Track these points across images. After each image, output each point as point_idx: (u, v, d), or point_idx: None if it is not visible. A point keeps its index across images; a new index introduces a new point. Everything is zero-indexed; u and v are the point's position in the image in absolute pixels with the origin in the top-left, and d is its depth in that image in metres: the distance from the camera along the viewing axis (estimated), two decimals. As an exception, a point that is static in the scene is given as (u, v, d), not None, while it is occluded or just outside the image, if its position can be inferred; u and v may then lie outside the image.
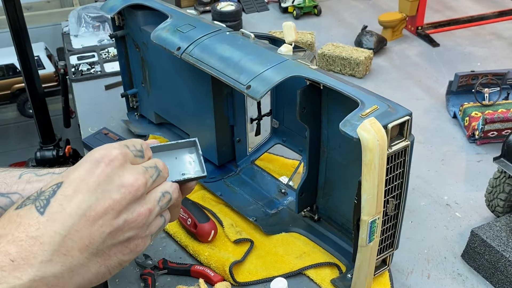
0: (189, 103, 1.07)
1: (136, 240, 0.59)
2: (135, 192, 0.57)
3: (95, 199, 0.54)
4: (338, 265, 0.87)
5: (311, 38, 1.55)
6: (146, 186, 0.59)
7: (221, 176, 1.07)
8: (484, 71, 1.28)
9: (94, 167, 0.56)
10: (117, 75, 1.46)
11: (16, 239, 0.51)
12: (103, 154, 0.57)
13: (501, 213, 0.94)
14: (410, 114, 0.71)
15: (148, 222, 0.59)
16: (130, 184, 0.57)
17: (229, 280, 0.85)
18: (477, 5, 1.90)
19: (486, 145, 1.18)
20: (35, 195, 0.55)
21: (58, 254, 0.52)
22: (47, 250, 0.51)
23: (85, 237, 0.53)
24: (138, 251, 0.60)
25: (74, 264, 0.53)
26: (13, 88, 2.21)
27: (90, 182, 0.55)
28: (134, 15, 1.10)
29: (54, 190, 0.54)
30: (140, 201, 0.58)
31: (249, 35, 0.92)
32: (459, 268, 0.89)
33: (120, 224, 0.56)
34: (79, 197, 0.54)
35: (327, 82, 0.77)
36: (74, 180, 0.55)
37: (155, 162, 0.62)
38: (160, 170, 0.62)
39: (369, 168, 0.68)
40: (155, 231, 0.62)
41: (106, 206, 0.55)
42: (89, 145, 1.19)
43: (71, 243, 0.53)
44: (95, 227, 0.54)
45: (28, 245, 0.51)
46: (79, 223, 0.53)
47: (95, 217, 0.54)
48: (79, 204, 0.54)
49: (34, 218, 0.52)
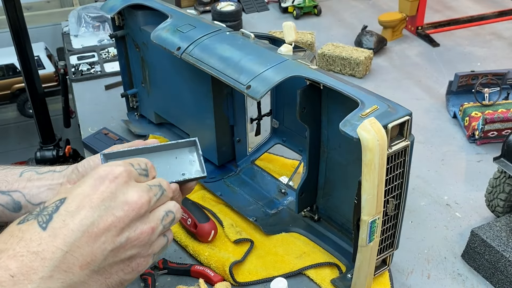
0: (189, 103, 1.07)
1: (138, 259, 0.58)
2: (138, 209, 0.56)
3: (98, 216, 0.54)
4: (338, 265, 0.87)
5: (311, 38, 1.55)
6: (150, 204, 0.58)
7: (221, 176, 1.07)
8: (484, 71, 1.28)
9: (99, 183, 0.55)
10: (117, 75, 1.46)
11: (17, 254, 0.50)
12: (108, 171, 0.56)
13: (501, 213, 0.94)
14: (410, 114, 0.71)
15: (150, 241, 0.59)
16: (134, 201, 0.56)
17: (229, 280, 0.85)
18: (477, 5, 1.90)
19: (486, 145, 1.18)
20: (38, 211, 0.54)
21: (59, 270, 0.51)
22: (47, 266, 0.51)
23: (86, 254, 0.53)
24: (140, 270, 0.59)
25: (74, 281, 0.52)
26: (13, 88, 2.21)
27: (93, 199, 0.54)
28: (134, 15, 1.10)
29: (57, 206, 0.54)
30: (143, 219, 0.58)
31: (249, 35, 0.92)
32: (459, 268, 0.89)
33: (122, 241, 0.55)
34: (82, 213, 0.53)
35: (327, 82, 0.77)
36: (77, 196, 0.55)
37: (159, 181, 0.61)
38: (164, 189, 0.61)
39: (369, 168, 0.68)
40: (158, 251, 0.61)
41: (109, 223, 0.54)
42: (89, 145, 1.19)
43: (72, 260, 0.52)
44: (97, 244, 0.53)
45: (28, 260, 0.50)
46: (81, 240, 0.53)
47: (98, 234, 0.53)
48: (82, 220, 0.53)
49: (36, 234, 0.52)
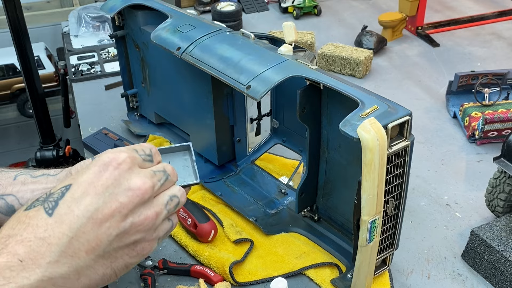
0: (189, 103, 1.07)
1: (143, 243, 0.59)
2: (142, 195, 0.57)
3: (103, 202, 0.55)
4: (338, 265, 0.87)
5: (311, 38, 1.55)
6: (154, 190, 0.59)
7: (221, 176, 1.07)
8: (484, 71, 1.28)
9: (103, 170, 0.56)
10: (117, 75, 1.46)
11: (25, 240, 0.52)
12: (112, 157, 0.57)
13: (501, 213, 0.94)
14: (410, 114, 0.71)
15: (155, 226, 0.60)
16: (138, 187, 0.57)
17: (229, 280, 0.85)
18: (477, 5, 1.90)
19: (486, 145, 1.18)
20: (44, 197, 0.56)
21: (65, 255, 0.53)
22: (54, 251, 0.52)
23: (92, 239, 0.54)
24: (145, 254, 0.60)
25: (80, 266, 0.54)
26: (13, 88, 2.21)
27: (98, 185, 0.55)
28: (134, 15, 1.10)
29: (63, 192, 0.55)
30: (147, 204, 0.59)
31: (249, 35, 0.92)
32: (459, 268, 0.89)
33: (126, 227, 0.56)
34: (87, 200, 0.54)
35: (327, 82, 0.77)
36: (82, 183, 0.56)
37: (163, 166, 0.62)
38: (168, 174, 0.62)
39: (369, 168, 0.68)
40: (163, 235, 0.62)
41: (113, 209, 0.55)
42: (89, 145, 1.19)
43: (78, 245, 0.53)
44: (102, 229, 0.55)
45: (36, 246, 0.52)
46: (86, 225, 0.54)
47: (102, 220, 0.55)
48: (87, 207, 0.54)
49: (43, 220, 0.53)
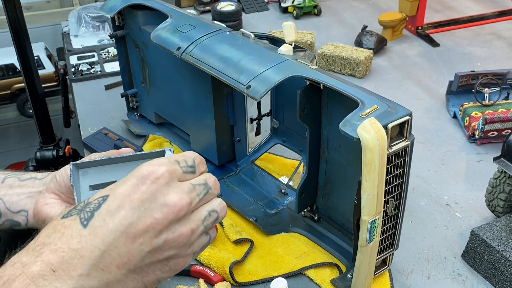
0: (189, 103, 1.07)
1: (177, 259, 0.58)
2: (177, 212, 0.56)
3: (137, 217, 0.54)
4: (338, 265, 0.87)
5: (311, 38, 1.55)
6: (191, 206, 0.57)
7: (221, 176, 1.07)
8: (484, 71, 1.28)
9: (140, 183, 0.55)
10: (117, 75, 1.46)
11: (58, 250, 0.51)
12: (151, 170, 0.56)
13: (501, 213, 0.94)
14: (410, 114, 0.71)
15: (190, 242, 0.58)
16: (173, 203, 0.56)
17: (229, 280, 0.85)
18: (477, 5, 1.90)
19: (486, 145, 1.18)
20: (82, 205, 0.55)
21: (96, 269, 0.52)
22: (86, 264, 0.52)
23: (123, 254, 0.53)
24: (178, 269, 0.59)
25: (111, 280, 0.53)
26: (13, 88, 2.21)
27: (134, 199, 0.54)
28: (134, 15, 1.10)
29: (100, 203, 0.55)
30: (183, 221, 0.57)
31: (249, 35, 0.92)
32: (459, 268, 0.89)
33: (160, 243, 0.55)
34: (121, 213, 0.54)
35: (327, 82, 0.77)
36: (119, 195, 0.55)
37: (205, 179, 0.60)
38: (210, 187, 0.60)
39: (369, 168, 0.68)
40: (198, 250, 0.60)
41: (147, 225, 0.54)
42: (89, 145, 1.19)
43: (110, 259, 0.53)
44: (134, 245, 0.54)
45: (69, 257, 0.51)
46: (119, 240, 0.53)
47: (136, 235, 0.54)
48: (121, 221, 0.53)
49: (77, 231, 0.53)
